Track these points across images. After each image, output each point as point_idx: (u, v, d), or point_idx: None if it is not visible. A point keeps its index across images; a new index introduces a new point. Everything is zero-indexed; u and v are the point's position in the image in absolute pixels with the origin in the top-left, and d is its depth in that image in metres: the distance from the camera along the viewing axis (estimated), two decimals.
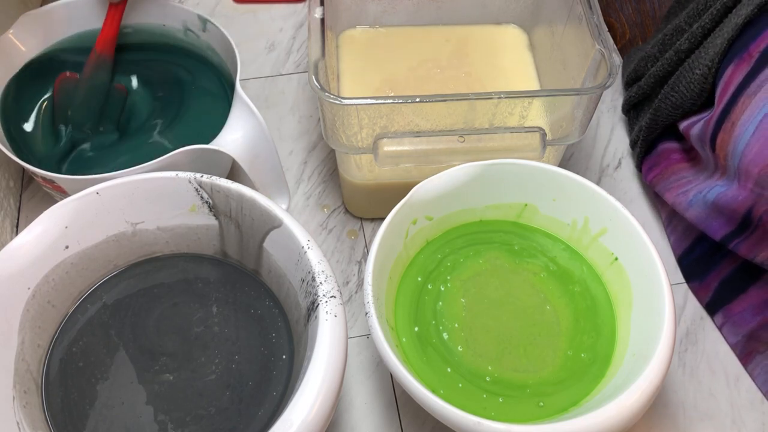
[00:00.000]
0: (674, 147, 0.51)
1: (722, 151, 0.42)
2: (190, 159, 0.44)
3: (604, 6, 0.63)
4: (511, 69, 0.55)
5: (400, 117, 0.44)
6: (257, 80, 0.61)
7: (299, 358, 0.38)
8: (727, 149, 0.42)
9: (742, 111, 0.41)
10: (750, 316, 0.45)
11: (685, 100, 0.47)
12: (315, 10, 0.45)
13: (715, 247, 0.47)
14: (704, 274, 0.48)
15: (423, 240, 0.45)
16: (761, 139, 0.39)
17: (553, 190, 0.44)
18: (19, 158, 0.44)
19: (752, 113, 0.40)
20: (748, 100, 0.41)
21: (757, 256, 0.43)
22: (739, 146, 0.41)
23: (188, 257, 0.44)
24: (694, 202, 0.46)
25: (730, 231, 0.44)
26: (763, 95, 0.40)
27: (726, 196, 0.43)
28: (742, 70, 0.42)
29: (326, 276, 0.37)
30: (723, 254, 0.47)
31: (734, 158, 0.41)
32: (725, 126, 0.42)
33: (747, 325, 0.46)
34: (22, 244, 0.38)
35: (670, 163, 0.50)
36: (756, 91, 0.40)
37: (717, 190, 0.44)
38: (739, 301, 0.46)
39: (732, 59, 0.43)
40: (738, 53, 0.42)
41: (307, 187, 0.55)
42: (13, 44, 0.49)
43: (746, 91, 0.41)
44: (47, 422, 0.38)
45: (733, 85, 0.42)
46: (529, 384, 0.40)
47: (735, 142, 0.41)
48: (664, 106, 0.49)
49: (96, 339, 0.41)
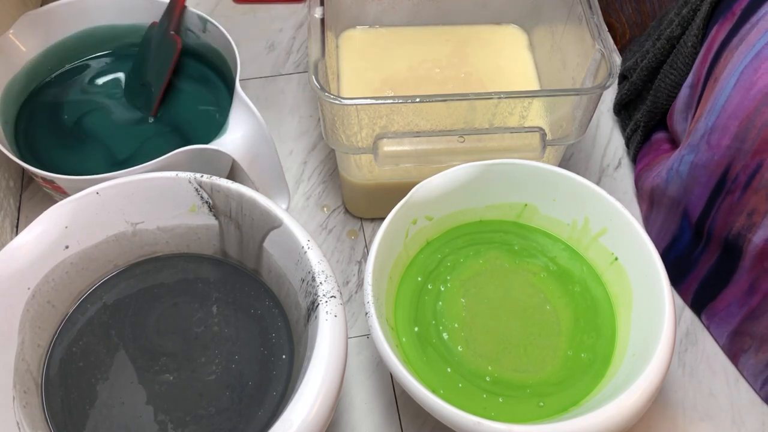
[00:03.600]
0: (665, 137, 0.51)
1: (700, 111, 0.42)
2: (190, 159, 0.44)
3: (604, 6, 0.63)
4: (511, 69, 0.55)
5: (400, 117, 0.44)
6: (257, 80, 0.61)
7: (299, 358, 0.38)
8: (705, 107, 0.42)
9: (724, 66, 0.41)
10: (736, 309, 0.45)
11: (683, 75, 0.47)
12: (315, 10, 0.45)
13: (690, 245, 0.47)
14: (683, 277, 0.48)
15: (423, 240, 0.45)
16: (741, 90, 0.39)
17: (553, 190, 0.44)
18: (19, 158, 0.45)
19: (733, 66, 0.40)
20: (729, 54, 0.41)
21: (733, 226, 0.42)
22: (720, 100, 0.40)
23: (188, 257, 0.44)
24: (670, 179, 0.46)
25: (708, 199, 0.43)
26: (744, 48, 0.39)
27: (699, 161, 0.43)
28: (725, 28, 0.42)
29: (326, 276, 0.37)
30: (700, 252, 0.46)
31: (712, 115, 0.41)
32: (709, 84, 0.42)
33: (732, 320, 0.45)
34: (22, 244, 0.38)
35: (659, 153, 0.51)
36: (737, 44, 0.40)
37: (688, 160, 0.44)
38: (722, 297, 0.45)
39: (717, 20, 0.43)
40: (722, 13, 0.42)
41: (307, 187, 0.55)
42: (13, 44, 0.49)
43: (728, 47, 0.41)
44: (47, 422, 0.38)
45: (716, 44, 0.42)
46: (529, 384, 0.40)
47: (716, 97, 0.41)
48: (663, 86, 0.49)
49: (96, 339, 0.41)
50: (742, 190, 0.41)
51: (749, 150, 0.40)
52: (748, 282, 0.43)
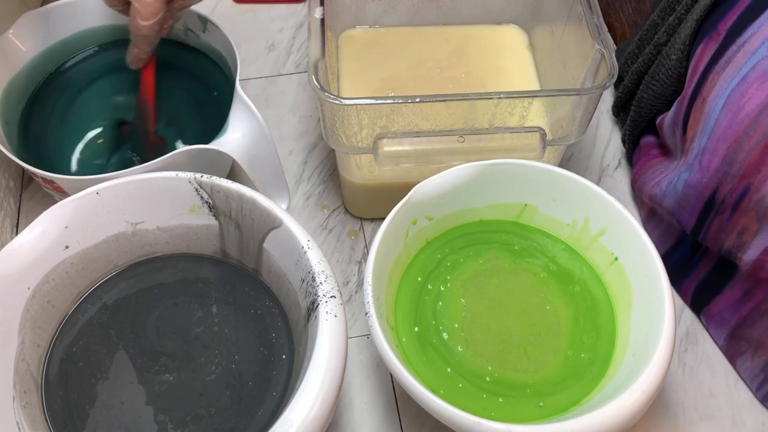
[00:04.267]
0: (653, 141, 0.51)
1: (692, 131, 0.42)
2: (190, 159, 0.44)
3: (604, 6, 0.63)
4: (511, 69, 0.55)
5: (400, 117, 0.44)
6: (257, 80, 0.61)
7: (299, 358, 0.38)
8: (697, 127, 0.42)
9: (711, 87, 0.41)
10: (728, 315, 0.45)
11: (666, 87, 0.47)
12: (315, 10, 0.45)
13: (691, 250, 0.47)
14: (682, 279, 0.48)
15: (423, 240, 0.45)
16: (729, 114, 0.39)
17: (553, 190, 0.44)
18: (19, 158, 0.44)
19: (720, 89, 0.40)
20: (716, 76, 0.41)
21: (724, 244, 0.43)
22: (709, 123, 0.41)
23: (188, 257, 0.44)
24: (668, 192, 0.46)
25: (698, 218, 0.44)
26: (730, 70, 0.40)
27: (691, 181, 0.43)
28: (711, 48, 0.42)
29: (326, 276, 0.37)
30: (699, 257, 0.47)
31: (703, 136, 0.41)
32: (696, 104, 0.42)
33: (727, 324, 0.46)
34: (22, 244, 0.38)
35: (650, 158, 0.51)
36: (724, 67, 0.40)
37: (683, 178, 0.44)
38: (716, 302, 0.46)
39: (702, 39, 0.43)
40: (707, 32, 0.42)
41: (307, 187, 0.55)
42: (13, 44, 0.49)
43: (715, 68, 0.41)
44: (47, 422, 0.38)
45: (702, 63, 0.42)
46: (529, 384, 0.40)
47: (705, 119, 0.41)
48: (646, 96, 0.49)
49: (96, 339, 0.41)
50: (731, 211, 0.41)
51: (736, 174, 0.40)
52: (741, 291, 0.44)
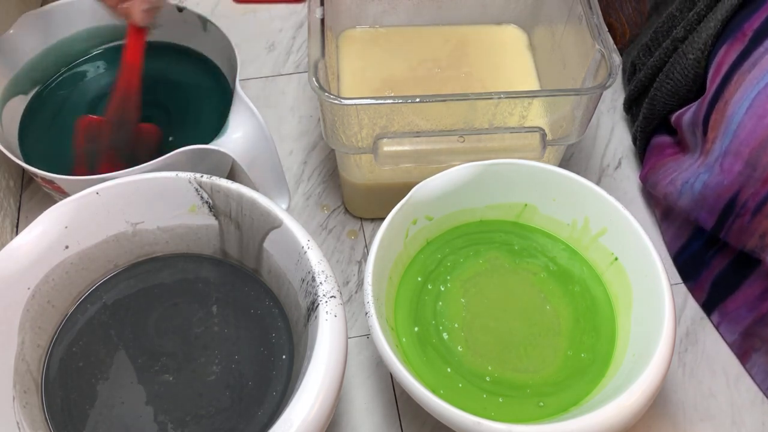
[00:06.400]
0: (667, 141, 0.51)
1: (714, 132, 0.42)
2: (190, 159, 0.44)
3: (604, 6, 0.63)
4: (511, 69, 0.55)
5: (400, 117, 0.44)
6: (257, 80, 0.61)
7: (299, 358, 0.38)
8: (719, 129, 0.42)
9: (735, 89, 0.40)
10: (745, 312, 0.45)
11: (680, 86, 0.47)
12: (315, 10, 0.45)
13: (707, 243, 0.47)
14: (698, 273, 0.48)
15: (423, 240, 0.45)
16: (754, 117, 0.39)
17: (553, 190, 0.44)
18: (19, 158, 0.45)
19: (746, 91, 0.40)
20: (741, 78, 0.40)
21: (746, 244, 0.43)
22: (732, 125, 0.40)
23: (188, 257, 0.44)
24: (684, 192, 0.46)
25: (717, 219, 0.44)
26: (757, 72, 0.39)
27: (710, 183, 0.43)
28: (736, 49, 0.41)
29: (326, 276, 0.37)
30: (716, 251, 0.46)
31: (725, 138, 0.41)
32: (718, 106, 0.42)
33: (743, 322, 0.46)
34: (22, 244, 0.38)
35: (662, 157, 0.50)
36: (750, 68, 0.40)
37: (702, 179, 0.44)
38: (733, 299, 0.46)
39: (725, 40, 0.42)
40: (732, 33, 0.42)
41: (307, 187, 0.55)
42: (13, 44, 0.49)
43: (740, 70, 0.41)
44: (47, 422, 0.38)
45: (726, 65, 0.42)
46: (529, 384, 0.40)
47: (728, 121, 0.41)
48: (659, 94, 0.49)
49: (96, 339, 0.41)
50: (752, 214, 0.41)
51: (760, 177, 0.40)
52: (760, 289, 0.44)
